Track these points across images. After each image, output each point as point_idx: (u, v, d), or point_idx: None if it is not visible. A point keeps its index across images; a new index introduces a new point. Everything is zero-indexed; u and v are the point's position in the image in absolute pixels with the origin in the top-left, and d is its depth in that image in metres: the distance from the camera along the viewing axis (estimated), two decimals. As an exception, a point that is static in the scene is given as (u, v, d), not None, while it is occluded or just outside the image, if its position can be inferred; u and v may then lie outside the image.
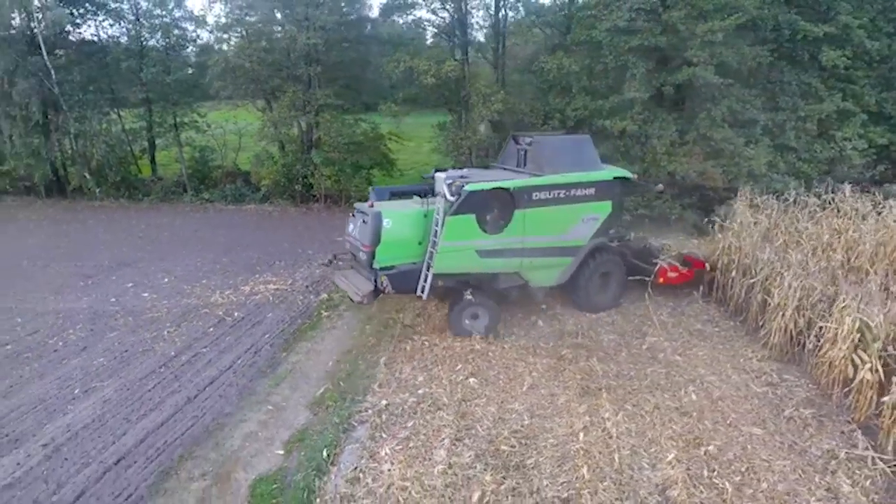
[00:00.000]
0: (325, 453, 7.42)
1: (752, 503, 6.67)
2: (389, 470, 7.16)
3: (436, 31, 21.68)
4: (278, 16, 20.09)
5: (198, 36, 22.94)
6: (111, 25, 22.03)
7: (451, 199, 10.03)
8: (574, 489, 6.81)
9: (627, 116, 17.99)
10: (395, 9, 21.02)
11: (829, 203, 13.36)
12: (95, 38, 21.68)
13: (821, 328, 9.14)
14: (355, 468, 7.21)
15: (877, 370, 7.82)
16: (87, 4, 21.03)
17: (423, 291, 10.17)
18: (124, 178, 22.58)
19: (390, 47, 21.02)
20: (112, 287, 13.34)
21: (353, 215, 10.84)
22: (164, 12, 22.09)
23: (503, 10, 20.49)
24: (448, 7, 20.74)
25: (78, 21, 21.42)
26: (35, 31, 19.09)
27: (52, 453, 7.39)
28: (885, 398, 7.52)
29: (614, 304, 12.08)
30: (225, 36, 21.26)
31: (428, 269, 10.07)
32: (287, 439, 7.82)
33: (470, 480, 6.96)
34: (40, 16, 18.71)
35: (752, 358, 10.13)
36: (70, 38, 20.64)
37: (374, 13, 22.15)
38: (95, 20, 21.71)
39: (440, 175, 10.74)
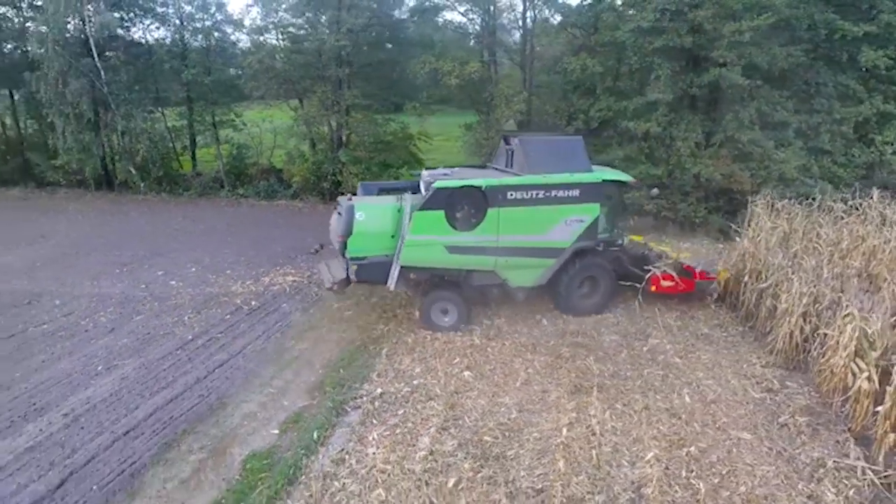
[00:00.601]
0: (315, 435, 7.82)
1: (725, 504, 6.67)
2: (374, 453, 7.49)
3: (464, 32, 21.91)
4: (309, 18, 20.79)
5: (237, 39, 24.05)
6: (157, 28, 23.43)
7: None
8: (548, 481, 6.98)
9: (652, 118, 17.81)
10: (425, 11, 21.38)
11: (857, 208, 12.94)
12: (142, 41, 23.00)
13: (824, 335, 8.96)
14: (342, 450, 7.57)
15: (872, 379, 7.63)
16: (135, 9, 22.43)
17: (393, 282, 10.57)
18: (166, 174, 23.82)
19: (420, 49, 21.46)
20: (144, 275, 14.21)
21: (335, 207, 11.32)
22: (205, 16, 23.26)
23: (530, 12, 20.59)
24: (476, 9, 20.98)
25: (127, 25, 22.82)
26: (87, 34, 20.45)
27: (70, 422, 8.07)
28: (879, 408, 7.35)
29: (600, 309, 11.83)
30: (260, 38, 22.17)
31: (398, 261, 10.47)
32: (283, 420, 8.26)
33: (449, 467, 7.21)
34: (92, 20, 20.02)
35: (756, 364, 9.99)
36: (119, 40, 21.90)
37: (405, 15, 22.45)
38: (142, 24, 23.13)
39: (425, 173, 11.12)
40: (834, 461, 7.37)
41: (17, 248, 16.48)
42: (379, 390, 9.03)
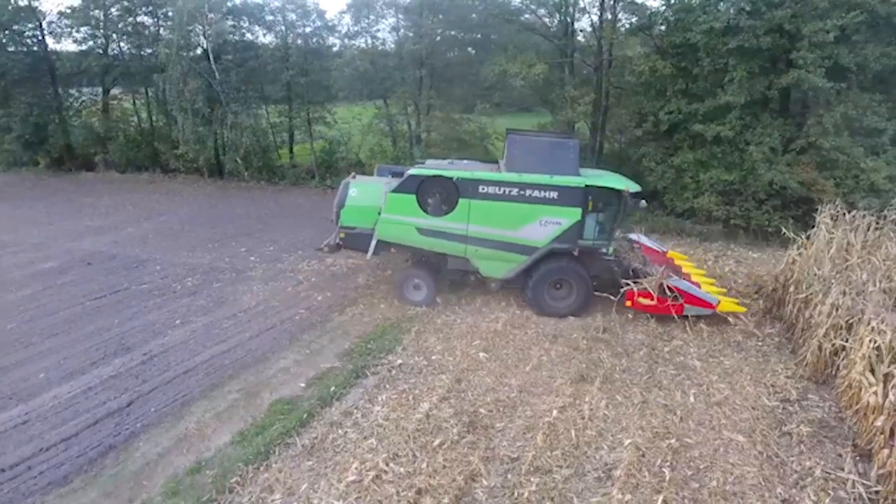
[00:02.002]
0: (332, 390, 8.96)
1: (689, 494, 6.88)
2: (378, 411, 8.48)
3: (542, 34, 22.23)
4: (393, 23, 22.35)
5: (332, 44, 26.19)
6: (264, 35, 26.12)
7: None
8: (524, 452, 7.56)
9: (725, 121, 17.19)
10: (504, 13, 21.99)
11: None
12: (251, 46, 25.72)
13: (849, 349, 8.63)
14: (352, 405, 8.65)
15: (878, 394, 7.35)
16: (247, 18, 25.26)
17: (373, 251, 12.04)
18: (266, 164, 26.43)
19: (498, 50, 22.17)
20: (229, 250, 16.30)
21: None
22: (307, 22, 25.61)
23: (608, 13, 20.46)
24: (554, 12, 21.29)
25: (242, 32, 25.76)
26: (206, 41, 23.47)
27: (147, 360, 9.88)
28: (878, 422, 7.12)
29: (573, 313, 11.80)
30: (353, 43, 24.09)
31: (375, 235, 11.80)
32: (311, 377, 9.48)
33: (439, 430, 8.01)
34: (210, 28, 22.94)
35: (781, 374, 9.76)
36: (231, 45, 24.80)
37: (484, 19, 23.20)
38: (252, 31, 25.93)
39: (427, 162, 12.44)
40: (823, 471, 7.27)
41: (139, 222, 19.43)
42: (399, 361, 10.02)
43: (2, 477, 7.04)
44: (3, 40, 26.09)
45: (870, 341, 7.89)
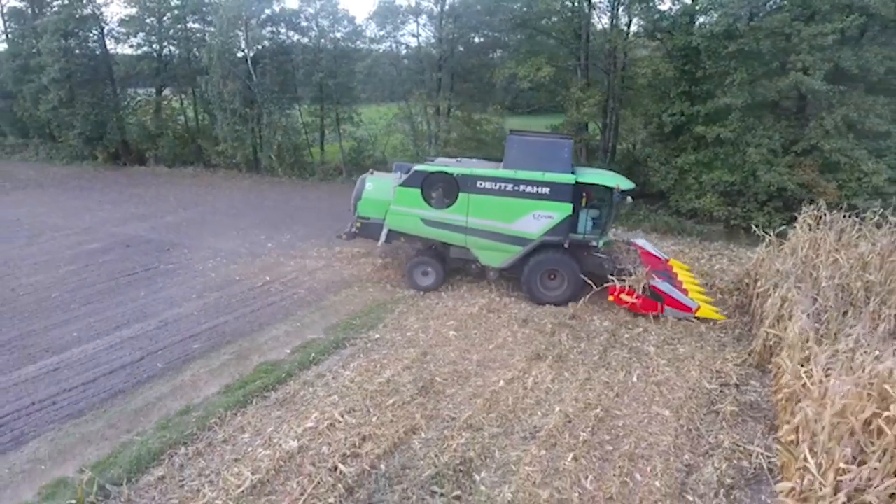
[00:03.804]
0: (311, 356, 10.21)
1: (600, 454, 7.70)
2: (347, 375, 9.66)
3: (557, 38, 22.90)
4: (415, 28, 23.60)
5: (360, 48, 27.58)
6: (298, 40, 27.78)
7: None
8: (463, 413, 8.55)
9: (725, 123, 17.50)
10: (518, 18, 22.74)
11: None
12: (285, 50, 27.47)
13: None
14: (326, 369, 9.86)
15: (794, 376, 7.94)
16: (282, 23, 27.10)
17: (384, 240, 13.29)
18: (297, 161, 28.21)
19: (513, 53, 23.02)
20: (251, 237, 17.91)
21: None
22: (338, 28, 27.19)
23: (624, 17, 20.96)
24: (568, 14, 21.93)
25: (280, 38, 27.59)
26: (245, 45, 25.41)
27: (161, 326, 11.42)
28: (778, 397, 7.73)
29: (562, 301, 12.52)
30: (378, 47, 25.48)
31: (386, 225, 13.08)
32: (297, 345, 10.76)
33: (395, 392, 9.10)
34: (248, 34, 24.84)
35: (730, 362, 10.30)
36: (267, 50, 26.65)
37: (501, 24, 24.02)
38: (287, 36, 27.66)
39: (438, 160, 13.54)
40: (733, 444, 7.92)
41: (177, 211, 21.41)
42: (377, 336, 11.18)
43: (32, 409, 8.63)
44: (70, 45, 28.90)
45: (793, 328, 8.46)
